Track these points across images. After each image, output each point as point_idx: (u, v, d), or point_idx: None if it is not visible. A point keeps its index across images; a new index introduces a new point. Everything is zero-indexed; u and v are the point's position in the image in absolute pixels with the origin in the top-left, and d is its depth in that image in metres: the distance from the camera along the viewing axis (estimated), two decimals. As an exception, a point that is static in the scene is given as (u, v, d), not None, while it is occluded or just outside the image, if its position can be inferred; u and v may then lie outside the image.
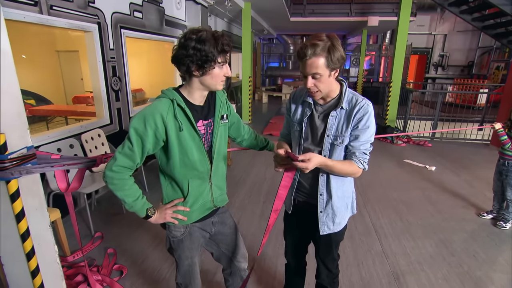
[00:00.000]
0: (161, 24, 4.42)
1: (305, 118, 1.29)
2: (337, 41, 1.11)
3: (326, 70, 1.12)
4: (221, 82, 1.15)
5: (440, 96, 5.89)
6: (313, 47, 1.08)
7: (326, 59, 1.10)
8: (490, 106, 6.23)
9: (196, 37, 1.05)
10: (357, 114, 1.19)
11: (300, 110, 1.33)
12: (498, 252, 2.43)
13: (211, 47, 1.05)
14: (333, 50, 1.09)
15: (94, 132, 3.11)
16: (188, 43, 1.06)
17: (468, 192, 3.52)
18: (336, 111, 1.22)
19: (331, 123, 1.23)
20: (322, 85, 1.16)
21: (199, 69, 1.09)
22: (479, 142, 5.80)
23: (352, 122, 1.19)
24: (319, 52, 1.08)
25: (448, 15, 11.80)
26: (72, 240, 2.47)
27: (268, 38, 15.01)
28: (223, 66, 1.12)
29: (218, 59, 1.08)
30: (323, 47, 1.08)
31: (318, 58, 1.09)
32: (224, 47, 1.08)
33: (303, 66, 1.14)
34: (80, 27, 2.87)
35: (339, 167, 1.19)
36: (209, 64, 1.07)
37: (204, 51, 1.05)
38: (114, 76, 3.44)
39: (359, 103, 1.19)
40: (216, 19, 7.36)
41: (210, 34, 1.07)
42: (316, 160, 1.12)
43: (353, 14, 8.79)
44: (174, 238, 1.30)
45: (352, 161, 1.21)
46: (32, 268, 1.44)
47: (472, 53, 12.24)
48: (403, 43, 5.99)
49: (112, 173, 1.11)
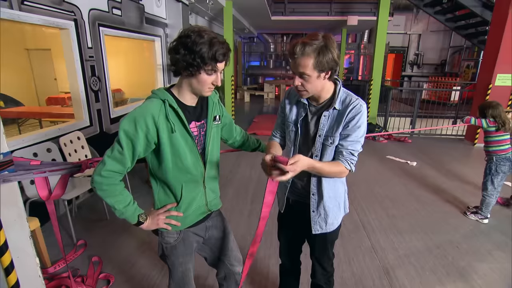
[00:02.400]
0: (141, 22, 4.28)
1: (300, 119, 1.27)
2: (331, 43, 1.07)
3: (313, 71, 1.09)
4: (208, 89, 1.10)
5: (418, 93, 6.10)
6: (303, 46, 1.06)
7: (315, 60, 1.07)
8: (464, 102, 6.53)
9: (193, 37, 1.00)
10: (349, 113, 1.17)
11: (295, 110, 1.31)
12: (480, 243, 2.54)
13: (202, 51, 0.99)
14: (324, 52, 1.06)
15: (73, 135, 2.95)
16: (183, 41, 1.01)
17: (448, 186, 3.66)
18: (328, 111, 1.21)
19: (323, 123, 1.21)
20: (309, 85, 1.14)
21: (185, 70, 1.04)
22: (454, 137, 6.06)
23: (344, 121, 1.18)
24: (308, 52, 1.06)
25: (422, 16, 12.26)
26: (52, 249, 2.34)
27: (248, 37, 14.96)
28: (212, 74, 1.06)
29: (205, 66, 1.02)
30: (314, 48, 1.05)
31: (306, 58, 1.07)
32: (216, 55, 1.01)
33: (292, 64, 1.12)
34: (54, 24, 2.71)
35: (327, 169, 1.16)
36: (194, 68, 1.02)
37: (193, 54, 1.00)
38: (93, 76, 3.29)
39: (353, 103, 1.18)
40: (197, 18, 7.23)
41: (209, 38, 1.01)
42: (303, 163, 1.06)
43: (333, 13, 8.92)
44: (167, 245, 1.25)
45: (339, 162, 1.19)
46: (12, 283, 1.34)
47: (444, 52, 12.79)
48: (382, 42, 6.15)
49: (101, 179, 1.05)
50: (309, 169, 1.13)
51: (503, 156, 2.70)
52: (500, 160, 2.71)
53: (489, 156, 2.78)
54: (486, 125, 2.70)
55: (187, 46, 1.00)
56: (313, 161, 1.14)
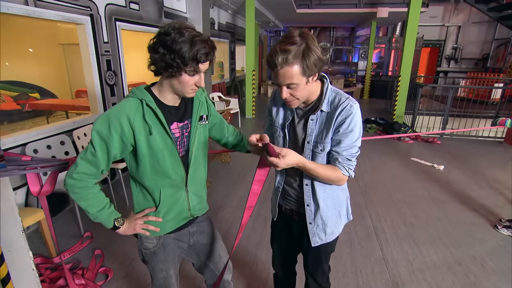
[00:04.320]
0: (159, 16, 4.29)
1: (287, 123, 1.16)
2: (312, 41, 0.94)
3: (302, 78, 0.96)
4: (191, 90, 1.02)
5: (451, 91, 5.61)
6: (284, 53, 0.92)
7: (301, 66, 0.94)
8: (506, 101, 5.92)
9: (173, 35, 0.91)
10: (338, 116, 1.04)
11: (282, 113, 1.19)
12: (510, 261, 2.26)
13: (182, 50, 0.91)
14: (308, 54, 0.93)
15: (87, 128, 3.03)
16: (162, 38, 0.92)
17: (479, 194, 3.33)
18: (316, 114, 1.08)
19: (311, 127, 1.09)
20: (299, 93, 1.01)
21: (165, 71, 0.96)
22: (492, 140, 5.53)
23: (334, 125, 1.05)
24: (292, 60, 0.92)
25: (462, 6, 11.29)
26: (61, 239, 2.42)
27: (275, 30, 14.70)
28: (194, 75, 0.98)
29: (186, 67, 0.94)
30: (296, 53, 0.92)
31: (291, 66, 0.93)
32: (197, 55, 0.92)
33: (275, 76, 0.99)
34: (70, 20, 2.77)
35: (321, 171, 1.05)
36: (174, 69, 0.94)
37: (172, 54, 0.91)
38: (109, 70, 3.34)
39: (342, 104, 1.04)
40: (219, 11, 7.18)
41: (190, 36, 0.92)
42: (291, 159, 0.98)
43: (362, 5, 8.46)
44: (146, 250, 1.20)
45: (335, 167, 1.07)
46: (2, 276, 1.36)
47: (487, 46, 11.71)
48: (413, 35, 5.72)
49: (72, 181, 1.01)
50: (299, 167, 1.04)
51: None
52: None
53: None
54: None
55: (166, 45, 0.92)
56: (304, 159, 1.04)
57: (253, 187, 1.20)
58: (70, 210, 2.86)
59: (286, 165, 0.99)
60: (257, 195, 1.21)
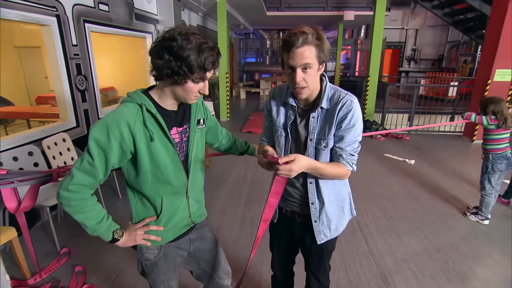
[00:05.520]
0: (130, 18, 4.13)
1: (290, 122, 1.16)
2: (323, 33, 1.01)
3: (316, 61, 1.01)
4: (194, 97, 0.99)
5: (416, 89, 6.00)
6: (303, 34, 0.96)
7: (318, 48, 0.99)
8: (462, 98, 6.44)
9: (179, 41, 0.87)
10: (339, 112, 1.07)
11: (282, 113, 1.20)
12: (480, 246, 2.45)
13: (190, 58, 0.88)
14: (322, 41, 0.99)
15: (58, 137, 2.82)
16: (167, 44, 0.88)
17: (448, 185, 3.58)
18: (316, 111, 1.10)
19: (313, 125, 1.11)
20: (310, 79, 1.03)
21: (169, 78, 0.92)
22: (452, 134, 5.98)
23: (335, 121, 1.07)
24: (311, 40, 0.97)
25: (419, 10, 12.13)
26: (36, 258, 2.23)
27: (244, 33, 14.78)
28: (199, 82, 0.95)
29: (193, 76, 0.91)
30: (313, 36, 0.97)
31: (310, 46, 0.98)
32: (205, 64, 0.90)
33: (292, 57, 0.99)
34: (35, 20, 2.57)
35: (328, 170, 1.08)
36: (181, 77, 0.91)
37: (179, 61, 0.88)
38: (79, 74, 3.15)
39: (342, 100, 1.07)
40: (190, 13, 7.07)
41: (197, 43, 0.89)
42: (302, 163, 0.99)
43: (330, 8, 8.79)
44: (147, 261, 1.14)
45: (340, 163, 1.10)
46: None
47: (441, 47, 12.69)
48: (379, 37, 6.03)
49: (68, 193, 0.93)
50: (309, 170, 1.04)
51: (500, 154, 2.61)
52: (496, 158, 2.62)
53: (486, 154, 2.70)
54: (486, 122, 2.60)
55: (172, 51, 0.88)
56: (313, 160, 1.05)
57: (270, 199, 1.15)
58: (42, 226, 2.65)
59: (299, 169, 0.99)
60: (273, 208, 1.18)
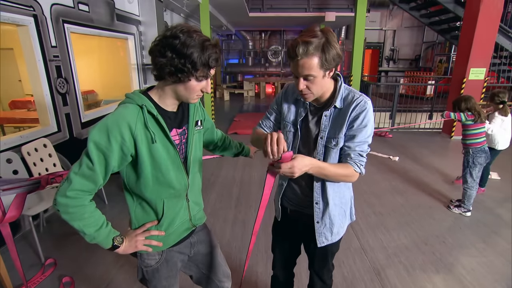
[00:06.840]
0: (111, 19, 4.01)
1: (300, 119, 1.16)
2: (332, 37, 0.97)
3: (319, 71, 0.99)
4: (197, 96, 0.97)
5: (397, 88, 6.19)
6: (305, 45, 0.94)
7: (320, 59, 0.97)
8: (440, 96, 6.71)
9: (182, 38, 0.86)
10: (353, 112, 1.07)
11: (293, 110, 1.20)
12: (465, 236, 2.56)
13: (194, 55, 0.86)
14: (328, 48, 0.96)
15: (39, 142, 2.69)
16: (170, 42, 0.86)
17: (431, 180, 3.71)
18: (329, 110, 1.10)
19: (325, 124, 1.11)
20: (315, 87, 1.03)
21: (172, 76, 0.90)
22: (431, 131, 6.21)
23: (348, 121, 1.08)
24: (312, 52, 0.95)
25: (396, 12, 12.53)
26: (16, 271, 2.11)
27: (226, 34, 14.71)
28: (202, 80, 0.94)
29: (196, 73, 0.90)
30: (317, 46, 0.95)
31: (311, 58, 0.96)
32: (209, 61, 0.89)
33: (294, 67, 1.00)
34: (10, 20, 2.44)
35: (333, 170, 1.07)
36: (184, 75, 0.89)
37: (183, 58, 0.86)
38: (59, 77, 3.02)
39: (356, 100, 1.08)
40: (172, 14, 6.96)
41: (200, 40, 0.87)
42: (303, 161, 0.98)
43: (311, 9, 8.91)
44: (148, 268, 1.11)
45: (347, 164, 1.09)
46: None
47: (418, 48, 13.16)
48: (361, 38, 6.19)
49: (66, 200, 0.88)
50: (313, 171, 1.02)
51: (479, 148, 2.76)
52: (476, 152, 2.76)
53: (466, 149, 2.83)
54: (464, 118, 2.75)
55: (175, 49, 0.86)
56: (315, 160, 1.03)
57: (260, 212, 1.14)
58: (23, 237, 2.52)
59: (301, 167, 0.97)
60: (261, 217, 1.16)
